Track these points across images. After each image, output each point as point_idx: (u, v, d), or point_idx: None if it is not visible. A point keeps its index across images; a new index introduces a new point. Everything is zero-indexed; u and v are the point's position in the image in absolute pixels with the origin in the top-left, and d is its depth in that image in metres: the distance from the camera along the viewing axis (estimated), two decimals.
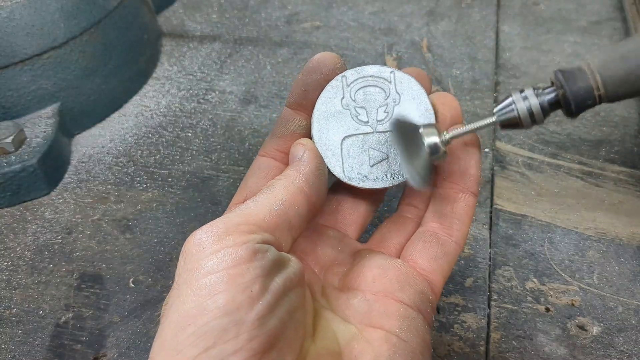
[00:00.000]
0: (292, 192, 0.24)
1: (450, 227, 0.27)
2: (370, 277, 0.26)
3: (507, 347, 0.31)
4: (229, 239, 0.22)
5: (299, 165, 0.26)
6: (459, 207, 0.27)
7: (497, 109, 0.26)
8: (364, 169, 0.28)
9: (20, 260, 0.37)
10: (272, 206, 0.24)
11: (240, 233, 0.22)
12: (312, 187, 0.25)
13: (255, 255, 0.22)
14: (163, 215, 0.39)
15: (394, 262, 0.26)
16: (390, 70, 0.28)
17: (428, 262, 0.26)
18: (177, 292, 0.21)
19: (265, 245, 0.22)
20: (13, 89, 0.41)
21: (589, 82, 0.25)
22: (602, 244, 0.36)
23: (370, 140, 0.28)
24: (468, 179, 0.27)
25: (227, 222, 0.23)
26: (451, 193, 0.27)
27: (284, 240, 0.24)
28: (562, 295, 0.33)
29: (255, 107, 0.47)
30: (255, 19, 0.58)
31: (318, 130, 0.27)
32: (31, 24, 0.40)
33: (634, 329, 0.31)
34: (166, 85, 0.50)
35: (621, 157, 0.41)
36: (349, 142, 0.28)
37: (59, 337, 0.32)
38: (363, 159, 0.28)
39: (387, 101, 0.28)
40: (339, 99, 0.28)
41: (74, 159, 0.44)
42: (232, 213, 0.24)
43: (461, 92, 0.48)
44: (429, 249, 0.27)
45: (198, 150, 0.44)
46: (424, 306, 0.25)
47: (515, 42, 0.52)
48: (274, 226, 0.23)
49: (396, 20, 0.57)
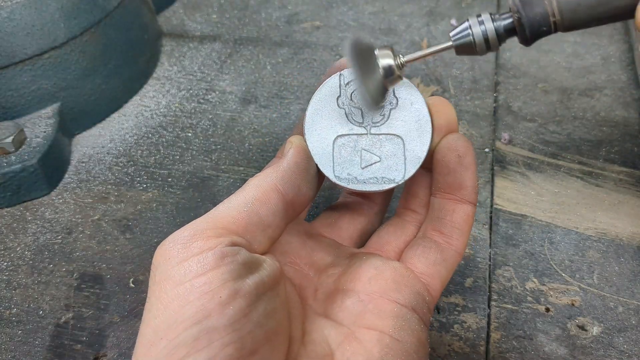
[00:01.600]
0: (263, 190, 0.24)
1: (450, 236, 0.27)
2: (365, 277, 0.25)
3: (507, 347, 0.31)
4: (195, 245, 0.21)
5: (278, 162, 0.25)
6: (458, 217, 0.27)
7: (453, 33, 0.26)
8: (355, 170, 0.27)
9: (20, 260, 0.37)
10: (241, 207, 0.23)
11: (207, 238, 0.22)
12: (287, 184, 0.24)
13: (222, 260, 0.21)
14: (163, 215, 0.39)
15: (390, 263, 0.26)
16: None
17: (427, 267, 0.26)
18: (149, 305, 0.21)
19: (235, 247, 0.22)
20: (13, 89, 0.41)
21: (546, 8, 0.24)
22: (602, 244, 0.36)
23: (363, 142, 0.27)
24: (465, 190, 0.26)
25: (193, 228, 0.22)
26: (449, 203, 0.27)
27: (258, 241, 0.23)
28: (562, 295, 0.33)
29: (255, 107, 0.47)
30: (255, 19, 0.58)
31: (310, 127, 0.27)
32: (31, 24, 0.40)
33: (634, 329, 0.31)
34: (166, 85, 0.50)
35: (621, 157, 0.41)
36: (341, 142, 0.27)
37: (59, 337, 0.32)
38: (354, 160, 0.27)
39: (384, 104, 0.27)
40: (335, 97, 0.27)
41: (74, 159, 0.44)
42: (201, 218, 0.23)
43: (461, 92, 0.48)
44: (428, 254, 0.26)
45: (198, 150, 0.44)
46: (419, 306, 0.25)
47: (516, 42, 0.52)
48: (243, 227, 0.23)
49: (396, 20, 0.57)
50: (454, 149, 0.26)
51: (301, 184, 0.25)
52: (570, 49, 0.51)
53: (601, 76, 0.48)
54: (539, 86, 0.48)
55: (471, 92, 0.47)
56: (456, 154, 0.26)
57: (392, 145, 0.27)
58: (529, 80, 0.48)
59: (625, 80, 0.48)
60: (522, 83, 0.48)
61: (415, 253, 0.27)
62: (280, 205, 0.24)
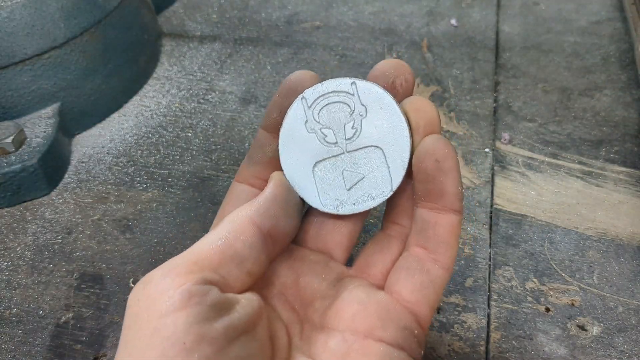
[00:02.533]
0: (238, 223, 0.22)
1: (435, 251, 0.24)
2: (349, 313, 0.24)
3: (507, 347, 0.31)
4: (164, 284, 0.20)
5: (254, 198, 0.24)
6: (442, 229, 0.24)
7: None
8: (341, 193, 0.26)
9: (20, 260, 0.37)
10: (214, 241, 0.22)
11: (177, 276, 0.20)
12: (264, 216, 0.23)
13: (189, 301, 0.19)
14: (163, 215, 0.39)
15: (375, 295, 0.24)
16: (351, 81, 0.25)
17: (412, 293, 0.24)
18: (117, 353, 0.20)
19: (206, 286, 0.20)
20: (13, 89, 0.41)
21: None
22: (602, 244, 0.36)
23: (342, 162, 0.26)
24: (447, 197, 0.24)
25: (166, 267, 0.21)
26: (431, 214, 0.24)
27: (234, 276, 0.22)
28: (562, 295, 0.33)
29: (255, 107, 0.47)
30: (255, 19, 0.58)
31: (286, 159, 0.26)
32: (31, 24, 0.40)
33: (634, 329, 0.31)
34: (166, 85, 0.50)
35: (621, 157, 0.41)
36: (320, 168, 0.26)
37: (59, 337, 0.32)
38: (338, 183, 0.26)
39: (353, 116, 0.25)
40: (303, 123, 0.26)
41: (74, 159, 0.44)
42: (177, 255, 0.22)
43: (461, 92, 0.48)
44: (413, 278, 0.24)
45: (198, 150, 0.44)
46: (407, 342, 0.23)
47: (515, 42, 0.52)
48: (217, 262, 0.21)
49: (396, 20, 0.57)
50: (432, 152, 0.24)
51: (279, 216, 0.23)
52: (570, 49, 0.51)
53: (601, 76, 0.48)
54: (539, 86, 0.48)
55: (471, 92, 0.47)
56: (434, 159, 0.24)
57: (372, 158, 0.25)
58: (529, 80, 0.48)
59: (625, 80, 0.48)
60: (522, 83, 0.48)
61: (400, 277, 0.25)
62: (257, 238, 0.23)
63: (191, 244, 0.28)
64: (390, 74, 0.26)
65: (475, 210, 0.38)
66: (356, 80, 0.25)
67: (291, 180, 0.26)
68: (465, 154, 0.42)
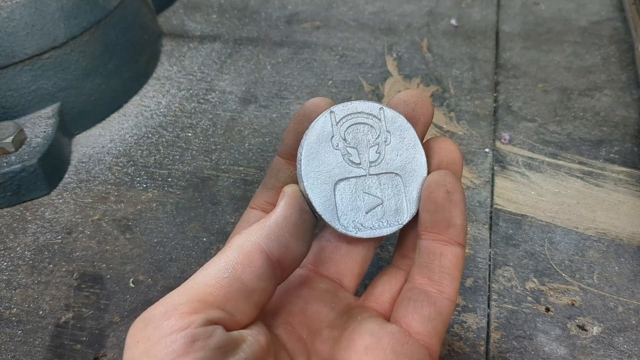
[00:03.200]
0: (246, 252, 0.21)
1: (440, 282, 0.24)
2: (362, 346, 0.23)
3: (507, 347, 0.31)
4: (166, 326, 0.19)
5: (266, 217, 0.23)
6: (447, 260, 0.24)
7: None
8: (360, 216, 0.25)
9: (20, 260, 0.37)
10: (221, 273, 0.21)
11: (180, 316, 0.19)
12: (273, 243, 0.22)
13: (192, 345, 0.18)
14: (163, 215, 0.39)
15: (387, 328, 0.24)
16: (380, 106, 0.26)
17: (422, 325, 0.24)
18: None
19: (210, 327, 0.19)
20: (13, 89, 0.41)
21: None
22: (602, 244, 0.36)
23: (363, 184, 0.25)
24: (453, 229, 0.24)
25: (167, 304, 0.20)
26: (437, 246, 0.24)
27: (241, 311, 0.21)
28: (562, 295, 0.33)
29: (255, 107, 0.47)
30: (255, 19, 0.58)
31: (307, 174, 0.25)
32: (31, 24, 0.40)
33: (634, 329, 0.31)
34: (166, 85, 0.50)
35: (621, 157, 0.41)
36: (342, 187, 0.25)
37: (59, 337, 0.32)
38: (358, 205, 0.25)
39: (378, 140, 0.26)
40: (329, 138, 0.25)
41: (74, 159, 0.44)
42: (177, 289, 0.20)
43: (461, 92, 0.48)
44: (421, 310, 0.24)
45: (198, 150, 0.44)
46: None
47: (515, 42, 0.52)
48: (223, 297, 0.20)
49: (396, 20, 0.57)
50: (442, 183, 0.24)
51: (290, 241, 0.22)
52: (570, 49, 0.51)
53: (601, 76, 0.48)
54: (539, 86, 0.48)
55: (471, 92, 0.47)
56: (445, 189, 0.24)
57: (392, 185, 0.26)
58: (529, 80, 0.48)
59: (625, 80, 0.48)
60: (522, 83, 0.48)
61: (408, 310, 0.24)
62: (265, 267, 0.21)
63: (191, 244, 0.28)
64: (412, 102, 0.26)
65: (475, 210, 0.38)
66: (384, 107, 0.26)
67: (311, 195, 0.25)
68: (465, 154, 0.42)
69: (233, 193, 0.40)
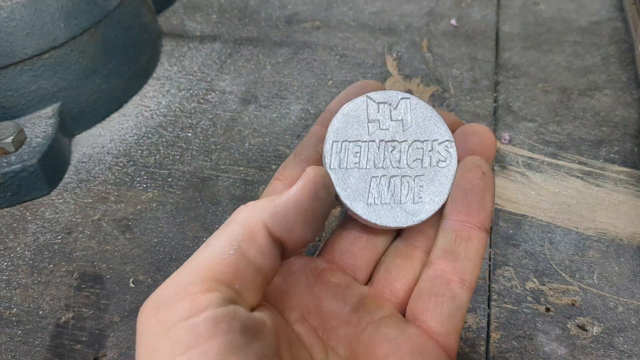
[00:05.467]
0: (250, 228, 0.20)
1: (463, 270, 0.23)
2: (382, 354, 0.22)
3: (507, 347, 0.31)
4: (181, 308, 0.17)
5: (277, 195, 0.22)
6: (473, 246, 0.24)
7: None
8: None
9: (20, 260, 0.37)
10: (226, 249, 0.19)
11: (194, 296, 0.18)
12: (277, 222, 0.21)
13: (217, 327, 0.17)
14: (163, 215, 0.39)
15: (406, 330, 0.23)
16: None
17: (442, 324, 0.23)
18: None
19: (231, 307, 0.18)
20: (13, 89, 0.41)
21: None
22: (602, 244, 0.36)
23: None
24: (484, 213, 0.23)
25: (175, 285, 0.18)
26: (465, 229, 0.24)
27: (250, 290, 0.19)
28: (562, 295, 0.33)
29: (255, 107, 0.47)
30: (255, 19, 0.58)
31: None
32: (31, 24, 0.40)
33: (634, 329, 0.31)
34: (166, 85, 0.50)
35: (621, 157, 0.41)
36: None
37: (59, 337, 0.32)
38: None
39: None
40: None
41: (74, 159, 0.44)
42: (181, 268, 0.19)
43: (461, 92, 0.48)
44: (441, 308, 0.23)
45: (198, 150, 0.44)
46: None
47: (515, 42, 0.52)
48: (232, 276, 0.19)
49: (396, 20, 0.57)
50: (479, 165, 0.24)
51: (295, 226, 0.21)
52: (570, 49, 0.51)
53: (601, 76, 0.48)
54: (539, 86, 0.48)
55: (471, 92, 0.47)
56: (481, 171, 0.24)
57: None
58: (529, 80, 0.48)
59: (625, 80, 0.48)
60: (522, 83, 0.48)
61: (428, 307, 0.23)
62: (270, 246, 0.20)
63: (191, 244, 0.27)
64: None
65: None
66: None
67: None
68: None
69: (233, 193, 0.40)
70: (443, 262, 0.24)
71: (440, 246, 0.24)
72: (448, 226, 0.24)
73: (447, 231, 0.24)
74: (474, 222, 0.24)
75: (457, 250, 0.24)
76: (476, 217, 0.24)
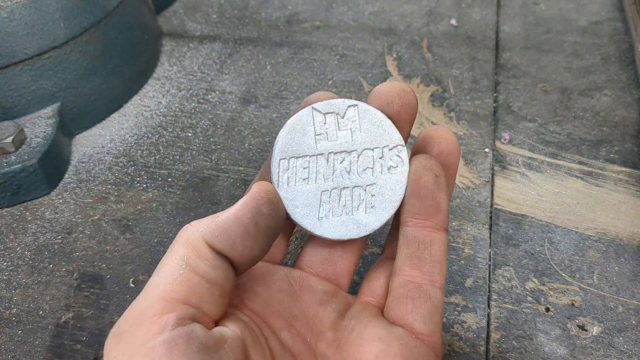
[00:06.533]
0: (194, 246, 0.20)
1: (431, 272, 0.24)
2: (371, 353, 0.22)
3: (507, 347, 0.31)
4: (139, 334, 0.18)
5: (220, 212, 0.22)
6: (437, 248, 0.24)
7: None
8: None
9: (20, 260, 0.37)
10: (177, 270, 0.20)
11: (150, 321, 0.18)
12: (219, 239, 0.21)
13: (174, 349, 0.17)
14: (163, 215, 0.39)
15: (394, 331, 0.23)
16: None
17: (424, 325, 0.23)
18: None
19: (187, 326, 0.18)
20: (13, 89, 0.41)
21: None
22: (602, 244, 0.36)
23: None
24: (441, 215, 0.24)
25: (132, 314, 0.19)
26: (426, 233, 0.24)
27: (208, 304, 0.20)
28: (562, 295, 0.33)
29: (255, 107, 0.47)
30: (255, 19, 0.58)
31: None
32: (31, 24, 0.40)
33: (634, 329, 0.31)
34: (166, 85, 0.50)
35: (621, 157, 0.41)
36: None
37: (59, 337, 0.32)
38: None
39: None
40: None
41: (74, 159, 0.44)
42: (137, 297, 0.19)
43: (461, 92, 0.48)
44: (421, 309, 0.23)
45: (198, 150, 0.44)
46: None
47: (515, 42, 0.52)
48: (186, 292, 0.19)
49: (396, 20, 0.57)
50: (430, 168, 0.24)
51: (236, 241, 0.21)
52: (570, 49, 0.51)
53: (601, 76, 0.48)
54: (539, 86, 0.48)
55: (471, 92, 0.47)
56: (433, 174, 0.24)
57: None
58: (529, 80, 0.48)
59: (625, 80, 0.48)
60: (522, 83, 0.48)
61: (407, 309, 0.23)
62: (217, 259, 0.21)
63: None
64: (396, 105, 0.25)
65: (475, 210, 0.38)
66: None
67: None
68: (465, 154, 0.42)
69: (233, 193, 0.40)
70: (409, 268, 0.24)
71: (405, 253, 0.24)
72: (409, 233, 0.24)
73: (408, 238, 0.24)
74: (433, 226, 0.24)
75: (422, 255, 0.24)
76: (434, 220, 0.24)
